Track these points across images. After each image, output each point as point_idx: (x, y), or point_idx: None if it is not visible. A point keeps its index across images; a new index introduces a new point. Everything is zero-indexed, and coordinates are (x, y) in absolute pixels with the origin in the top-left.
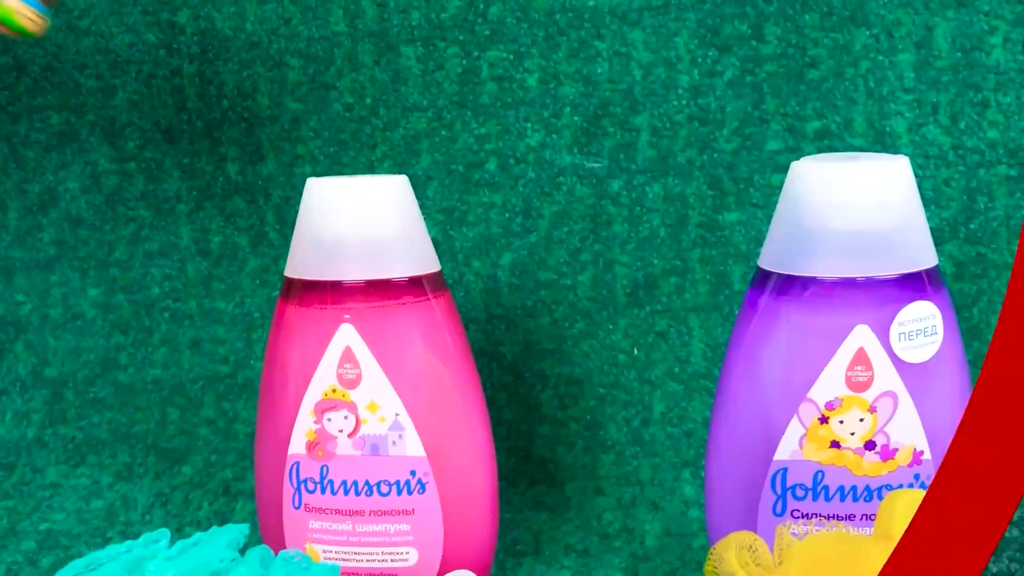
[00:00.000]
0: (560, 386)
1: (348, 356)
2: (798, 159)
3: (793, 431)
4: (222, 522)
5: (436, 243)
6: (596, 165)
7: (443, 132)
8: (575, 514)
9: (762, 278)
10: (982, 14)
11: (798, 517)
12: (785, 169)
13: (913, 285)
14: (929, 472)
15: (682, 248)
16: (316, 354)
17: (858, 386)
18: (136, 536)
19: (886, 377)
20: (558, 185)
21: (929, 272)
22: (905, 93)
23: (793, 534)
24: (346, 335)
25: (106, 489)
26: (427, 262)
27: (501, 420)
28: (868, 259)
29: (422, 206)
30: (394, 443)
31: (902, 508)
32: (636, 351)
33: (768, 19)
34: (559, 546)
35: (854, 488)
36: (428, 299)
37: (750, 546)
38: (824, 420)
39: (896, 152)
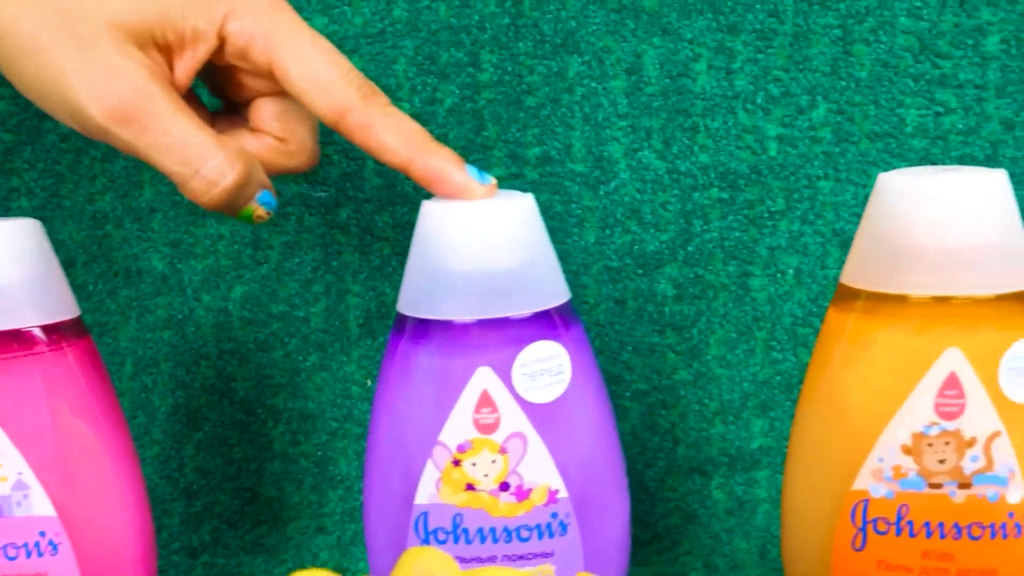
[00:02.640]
0: (293, 421)
1: None
2: (519, 185)
3: (429, 475)
4: None
5: (164, 277)
6: (323, 195)
7: None
8: (292, 555)
9: (401, 323)
10: (686, 41)
11: None
12: None
13: (541, 324)
14: (567, 510)
15: None
16: None
17: (486, 428)
18: None
19: (513, 418)
20: (287, 215)
21: (559, 310)
22: (619, 119)
23: None
24: None
25: None
26: (60, 308)
27: (231, 459)
28: (495, 300)
29: (147, 239)
30: (19, 503)
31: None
32: (369, 383)
33: (483, 47)
34: None
35: (493, 530)
36: (61, 348)
37: None
38: (457, 463)
39: (614, 176)
